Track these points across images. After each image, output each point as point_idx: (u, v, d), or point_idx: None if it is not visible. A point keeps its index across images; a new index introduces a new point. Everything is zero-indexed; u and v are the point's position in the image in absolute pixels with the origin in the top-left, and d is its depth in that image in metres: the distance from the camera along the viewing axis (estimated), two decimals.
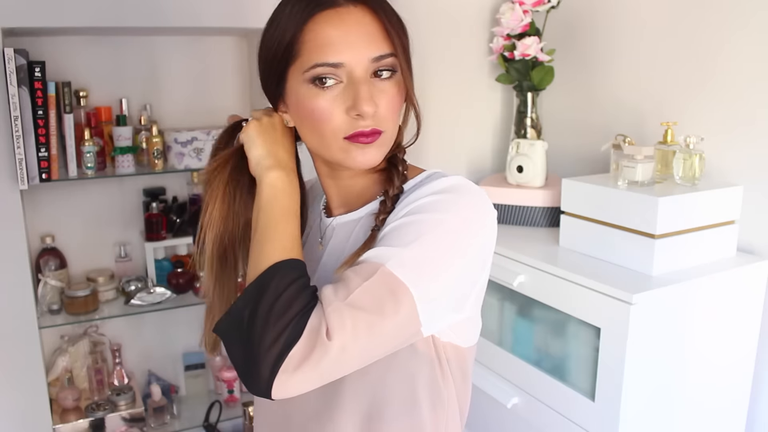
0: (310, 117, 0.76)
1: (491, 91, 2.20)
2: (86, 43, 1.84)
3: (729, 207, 1.50)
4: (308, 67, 0.74)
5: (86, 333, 1.93)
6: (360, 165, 0.77)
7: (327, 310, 0.66)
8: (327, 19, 0.74)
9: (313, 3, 0.75)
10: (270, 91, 0.83)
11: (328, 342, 0.64)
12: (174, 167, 1.84)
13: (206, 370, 2.14)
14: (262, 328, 0.65)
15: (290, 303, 0.66)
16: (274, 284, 0.68)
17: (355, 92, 0.74)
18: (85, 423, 1.81)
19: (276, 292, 0.67)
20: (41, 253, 1.84)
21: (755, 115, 1.51)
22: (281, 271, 0.69)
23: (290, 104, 0.80)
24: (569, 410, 1.47)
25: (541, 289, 1.53)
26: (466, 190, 0.75)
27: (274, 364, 0.64)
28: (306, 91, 0.76)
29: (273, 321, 0.65)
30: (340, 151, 0.77)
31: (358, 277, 0.68)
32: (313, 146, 0.81)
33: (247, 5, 1.78)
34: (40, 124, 1.60)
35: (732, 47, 1.54)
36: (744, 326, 1.50)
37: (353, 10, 0.75)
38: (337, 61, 0.73)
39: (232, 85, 2.03)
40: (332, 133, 0.76)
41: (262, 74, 0.83)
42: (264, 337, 0.65)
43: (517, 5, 1.90)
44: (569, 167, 2.02)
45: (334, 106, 0.75)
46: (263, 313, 0.66)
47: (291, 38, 0.75)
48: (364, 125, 0.75)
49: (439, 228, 0.71)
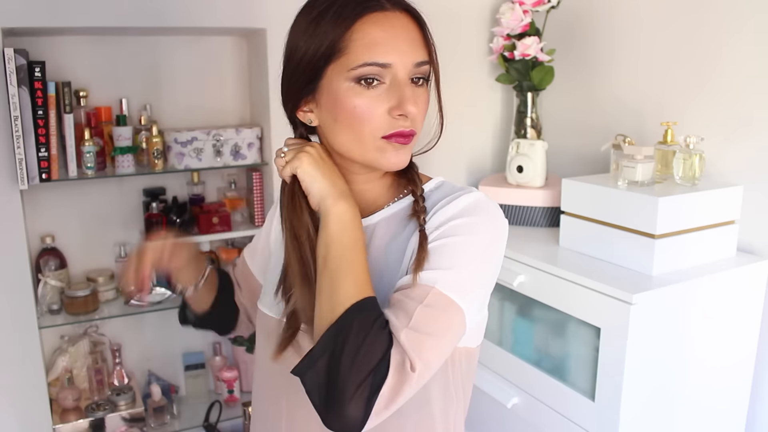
0: (349, 115, 0.77)
1: (491, 91, 2.21)
2: (86, 43, 1.84)
3: (729, 207, 1.50)
4: (356, 65, 0.75)
5: (86, 333, 1.93)
6: (392, 165, 0.80)
7: (401, 340, 0.70)
8: (376, 20, 0.76)
9: (363, 4, 0.76)
10: (295, 89, 0.82)
11: (413, 374, 0.69)
12: (174, 167, 1.84)
13: (206, 370, 2.14)
14: (349, 373, 0.67)
15: (373, 345, 0.69)
16: (356, 327, 0.69)
17: (401, 93, 0.76)
18: (85, 423, 1.81)
19: (359, 336, 0.69)
20: (41, 253, 1.84)
21: (755, 116, 1.51)
22: (362, 312, 0.71)
23: (323, 102, 0.80)
24: (569, 410, 1.47)
25: (541, 289, 1.53)
26: (487, 210, 0.82)
27: (366, 407, 0.67)
28: (348, 89, 0.76)
29: (359, 366, 0.67)
30: (375, 151, 0.79)
31: (413, 300, 0.73)
32: (343, 145, 0.81)
33: (247, 5, 1.78)
34: (40, 124, 1.60)
35: (732, 47, 1.54)
36: (744, 326, 1.50)
37: (399, 15, 0.78)
38: (385, 62, 0.75)
39: (232, 85, 2.03)
40: (371, 132, 0.77)
41: (290, 71, 0.81)
42: (351, 382, 0.67)
43: (517, 5, 1.90)
44: (569, 167, 2.02)
45: (376, 105, 0.76)
46: (348, 359, 0.68)
47: (336, 36, 0.75)
48: (404, 125, 0.78)
49: (472, 248, 0.79)
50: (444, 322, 0.73)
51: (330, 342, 0.69)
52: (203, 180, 2.02)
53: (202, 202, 2.01)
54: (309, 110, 0.82)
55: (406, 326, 0.71)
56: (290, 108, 0.84)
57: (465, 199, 0.81)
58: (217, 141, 1.86)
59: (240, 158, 1.90)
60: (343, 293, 0.72)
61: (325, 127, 0.82)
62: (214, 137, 1.86)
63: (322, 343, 0.70)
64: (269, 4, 1.79)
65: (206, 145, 1.85)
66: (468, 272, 0.77)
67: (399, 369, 0.69)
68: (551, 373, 1.53)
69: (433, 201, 0.84)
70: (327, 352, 0.69)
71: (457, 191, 0.83)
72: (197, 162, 1.85)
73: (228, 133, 1.87)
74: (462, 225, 0.79)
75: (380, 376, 0.68)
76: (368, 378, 0.67)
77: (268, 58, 1.81)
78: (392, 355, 0.69)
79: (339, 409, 0.67)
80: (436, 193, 0.85)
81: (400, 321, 0.71)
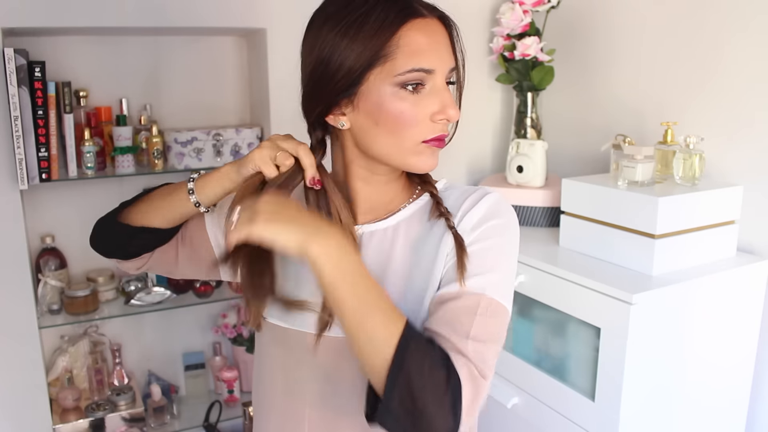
0: (394, 119, 0.78)
1: (491, 91, 2.21)
2: (86, 43, 1.84)
3: (729, 207, 1.50)
4: (403, 71, 0.77)
5: (86, 333, 1.93)
6: (427, 168, 0.82)
7: (467, 352, 0.73)
8: (419, 27, 0.77)
9: (405, 10, 0.78)
10: (329, 94, 0.80)
11: (485, 381, 0.74)
12: (174, 167, 1.84)
13: (206, 370, 2.14)
14: (426, 403, 0.68)
15: (435, 368, 0.70)
16: (412, 360, 0.69)
17: (443, 98, 0.79)
18: (85, 423, 1.81)
19: (421, 365, 0.69)
20: (41, 253, 1.84)
21: (755, 116, 1.51)
22: (410, 342, 0.70)
23: (363, 106, 0.80)
24: (569, 410, 1.47)
25: (541, 289, 1.53)
26: (508, 209, 0.86)
27: (454, 421, 0.69)
28: (393, 94, 0.78)
29: (434, 391, 0.69)
30: (413, 154, 0.81)
31: (467, 310, 0.76)
32: (383, 148, 0.81)
33: (247, 5, 1.78)
34: (40, 124, 1.60)
35: (732, 48, 1.54)
36: (744, 326, 1.50)
37: (435, 22, 0.80)
38: (430, 68, 0.78)
39: (232, 85, 2.03)
40: (413, 136, 0.79)
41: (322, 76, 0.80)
42: (432, 408, 0.68)
43: (517, 5, 1.90)
44: (569, 167, 2.02)
45: (419, 110, 0.78)
46: (420, 391, 0.68)
47: (380, 42, 0.76)
48: (443, 130, 0.81)
49: (504, 249, 0.83)
50: (498, 327, 0.78)
51: (394, 383, 0.69)
52: None
53: None
54: (341, 114, 0.82)
55: (467, 338, 0.74)
56: (319, 112, 0.83)
57: (488, 199, 0.84)
58: (217, 141, 1.86)
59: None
60: (381, 335, 0.70)
61: (361, 130, 0.82)
62: (214, 137, 1.86)
63: (388, 387, 0.69)
64: (269, 4, 1.79)
65: (206, 145, 1.85)
66: (506, 273, 0.82)
67: (471, 380, 0.72)
68: (551, 373, 1.53)
69: (452, 202, 0.86)
70: (396, 394, 0.68)
71: (473, 191, 0.86)
72: (197, 162, 1.85)
73: (228, 133, 1.87)
74: (495, 227, 0.82)
75: (455, 397, 0.70)
76: (446, 397, 0.69)
77: (268, 58, 1.81)
78: (459, 368, 0.71)
79: (433, 426, 0.69)
80: (451, 193, 0.88)
81: (459, 334, 0.74)
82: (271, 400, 0.92)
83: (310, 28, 0.82)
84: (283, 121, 1.82)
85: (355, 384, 0.83)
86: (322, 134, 0.87)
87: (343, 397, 0.85)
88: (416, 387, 0.68)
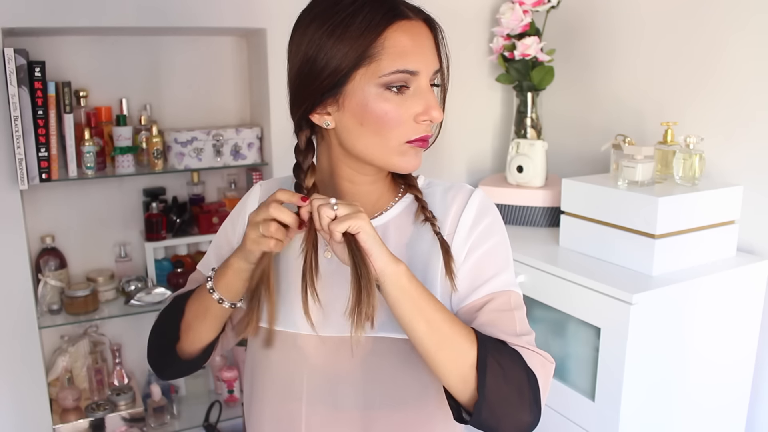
0: (378, 120, 0.79)
1: (491, 91, 2.21)
2: (86, 43, 1.84)
3: (729, 207, 1.50)
4: (388, 72, 0.77)
5: (86, 333, 1.93)
6: (411, 168, 0.84)
7: (527, 345, 0.80)
8: (404, 29, 0.78)
9: (392, 12, 0.78)
10: (314, 93, 0.80)
11: (552, 365, 0.82)
12: (174, 167, 1.84)
13: (206, 370, 2.14)
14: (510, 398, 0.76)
15: (513, 362, 0.77)
16: (493, 359, 0.75)
17: (427, 100, 0.80)
18: (85, 423, 1.81)
19: (501, 363, 0.76)
20: (41, 253, 1.84)
21: (755, 116, 1.51)
22: (488, 355, 0.76)
23: (348, 106, 0.80)
24: (569, 410, 1.47)
25: (541, 289, 1.53)
26: (491, 203, 0.90)
27: (537, 410, 0.78)
28: (378, 94, 0.78)
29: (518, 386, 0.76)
30: (397, 154, 0.82)
31: (504, 309, 0.83)
32: (366, 147, 0.82)
33: (247, 5, 1.78)
34: (40, 124, 1.60)
35: (732, 48, 1.54)
36: (744, 326, 1.50)
37: (420, 24, 0.81)
38: (414, 69, 0.79)
39: (232, 85, 2.03)
40: (397, 136, 0.80)
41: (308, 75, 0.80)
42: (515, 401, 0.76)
43: (517, 5, 1.90)
44: (569, 167, 2.03)
45: (403, 111, 0.79)
46: (507, 387, 0.75)
47: (366, 43, 0.77)
48: (427, 130, 0.82)
49: (504, 244, 0.88)
50: (525, 315, 0.85)
51: (485, 384, 0.74)
52: (203, 180, 2.02)
53: (202, 202, 2.01)
54: (326, 113, 0.82)
55: (517, 334, 0.81)
56: (303, 110, 0.83)
57: (475, 198, 0.88)
58: (217, 141, 1.86)
59: (240, 158, 1.90)
60: (459, 343, 0.76)
61: (345, 130, 0.82)
62: (214, 137, 1.86)
63: (482, 391, 0.74)
64: (269, 4, 1.79)
65: (206, 145, 1.85)
66: (511, 264, 0.88)
67: (542, 368, 0.79)
68: None
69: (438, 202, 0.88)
70: (485, 394, 0.74)
71: (456, 190, 0.89)
72: (197, 162, 1.85)
73: (228, 133, 1.88)
74: (491, 225, 0.87)
75: (533, 381, 0.77)
76: (527, 390, 0.76)
77: (268, 58, 1.81)
78: (530, 361, 0.78)
79: (519, 424, 0.77)
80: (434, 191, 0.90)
81: (509, 333, 0.80)
82: (266, 402, 0.92)
83: (297, 27, 0.82)
84: (282, 121, 1.82)
85: (351, 383, 0.84)
86: (309, 133, 0.87)
87: (339, 396, 0.85)
88: (500, 383, 0.75)
